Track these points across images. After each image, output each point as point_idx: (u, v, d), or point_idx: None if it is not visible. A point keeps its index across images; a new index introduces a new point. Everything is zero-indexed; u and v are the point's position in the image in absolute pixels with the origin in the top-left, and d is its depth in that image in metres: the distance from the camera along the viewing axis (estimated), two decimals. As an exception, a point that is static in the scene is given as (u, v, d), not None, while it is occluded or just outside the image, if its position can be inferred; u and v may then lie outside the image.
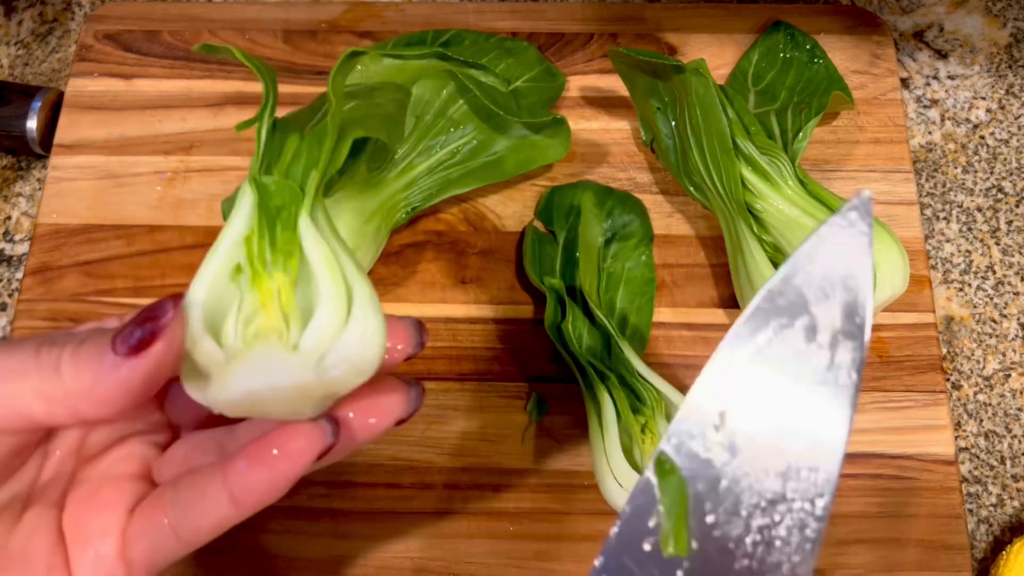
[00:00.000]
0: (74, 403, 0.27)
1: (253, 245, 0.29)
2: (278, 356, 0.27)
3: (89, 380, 0.26)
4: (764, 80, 0.53)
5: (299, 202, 0.30)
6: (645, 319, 0.47)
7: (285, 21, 0.56)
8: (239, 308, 0.28)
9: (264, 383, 0.27)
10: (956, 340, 0.49)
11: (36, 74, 0.56)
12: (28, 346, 0.27)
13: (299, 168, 0.31)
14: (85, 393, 0.27)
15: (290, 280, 0.28)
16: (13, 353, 0.27)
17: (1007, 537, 0.44)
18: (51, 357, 0.27)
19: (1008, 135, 0.54)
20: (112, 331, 0.27)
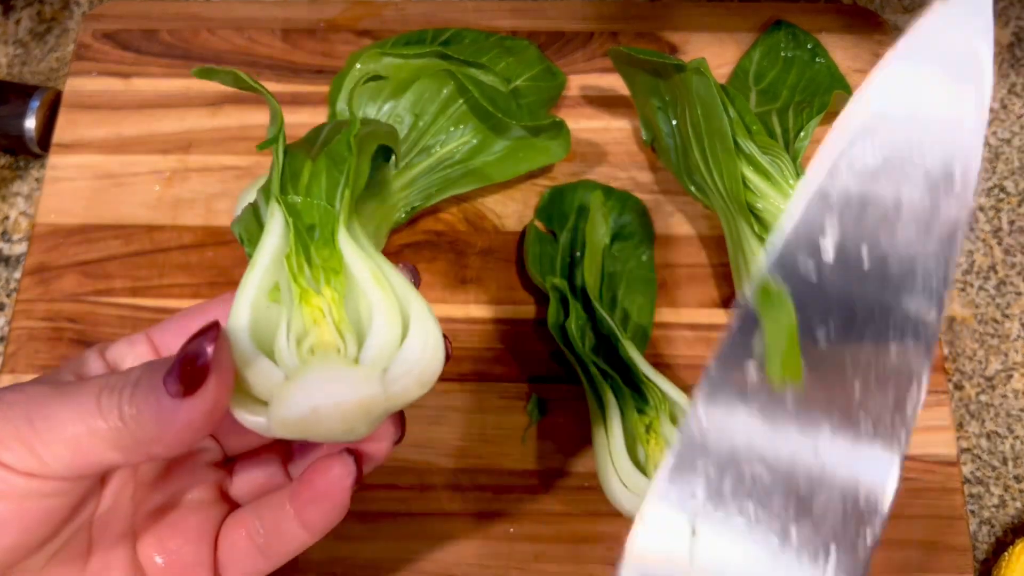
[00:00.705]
0: (146, 448, 0.27)
1: (293, 263, 0.29)
2: (340, 371, 0.27)
3: (153, 427, 0.26)
4: (765, 79, 0.53)
5: (333, 219, 0.30)
6: (646, 319, 0.47)
7: (284, 20, 0.56)
8: (288, 326, 0.28)
9: (329, 398, 0.26)
10: (958, 340, 0.48)
11: (34, 73, 0.56)
12: (86, 395, 0.27)
13: (320, 187, 0.31)
14: (154, 439, 0.26)
15: (339, 296, 0.28)
16: (72, 402, 0.27)
17: (1009, 538, 0.44)
18: (112, 407, 0.26)
19: (1010, 134, 0.54)
20: (161, 368, 0.27)
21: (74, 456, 0.26)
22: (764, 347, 0.25)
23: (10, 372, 0.46)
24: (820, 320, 0.25)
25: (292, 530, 0.31)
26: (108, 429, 0.26)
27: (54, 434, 0.26)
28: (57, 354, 0.47)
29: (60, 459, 0.26)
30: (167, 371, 0.26)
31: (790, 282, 0.25)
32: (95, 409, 0.26)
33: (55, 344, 0.47)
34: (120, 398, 0.26)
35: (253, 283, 0.29)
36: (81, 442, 0.26)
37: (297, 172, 0.31)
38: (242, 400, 0.28)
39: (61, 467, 0.26)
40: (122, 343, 0.32)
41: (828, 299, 0.25)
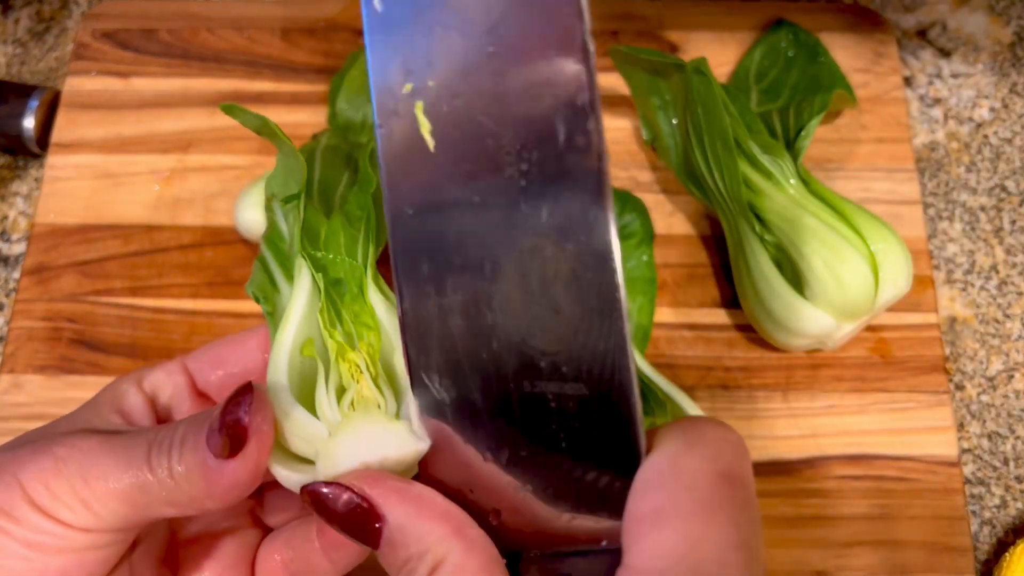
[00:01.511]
0: (199, 504, 0.27)
1: (325, 319, 0.29)
2: (384, 427, 0.27)
3: (202, 485, 0.27)
4: (766, 78, 0.52)
5: (360, 273, 0.30)
6: (646, 319, 0.47)
7: (284, 19, 0.56)
8: (327, 382, 0.28)
9: (375, 454, 0.27)
10: (959, 341, 0.48)
11: (33, 73, 0.56)
12: (137, 451, 0.27)
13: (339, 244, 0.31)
14: (205, 496, 0.27)
15: (375, 351, 0.29)
16: (123, 459, 0.27)
17: (1010, 539, 0.44)
18: (162, 464, 0.27)
19: (1012, 134, 0.53)
20: (205, 422, 0.27)
21: (129, 511, 0.27)
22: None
23: (9, 372, 0.46)
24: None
25: (321, 563, 0.31)
26: (160, 486, 0.27)
27: (110, 492, 0.27)
28: (56, 354, 0.47)
29: (115, 514, 0.27)
30: (209, 431, 0.27)
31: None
32: (146, 466, 0.27)
33: (54, 344, 0.47)
34: (169, 456, 0.27)
35: (288, 338, 0.29)
36: (136, 498, 0.27)
37: (314, 230, 0.32)
38: (282, 458, 0.29)
39: (116, 521, 0.27)
40: (159, 372, 0.33)
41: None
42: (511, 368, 0.25)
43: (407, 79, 0.24)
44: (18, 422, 0.45)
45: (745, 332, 0.47)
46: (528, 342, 0.24)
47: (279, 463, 0.28)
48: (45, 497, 0.27)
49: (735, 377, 0.46)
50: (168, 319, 0.47)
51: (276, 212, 0.33)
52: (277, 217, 0.33)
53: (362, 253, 0.32)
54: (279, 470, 0.28)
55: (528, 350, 0.24)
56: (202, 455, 0.27)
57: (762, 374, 0.46)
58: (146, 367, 0.33)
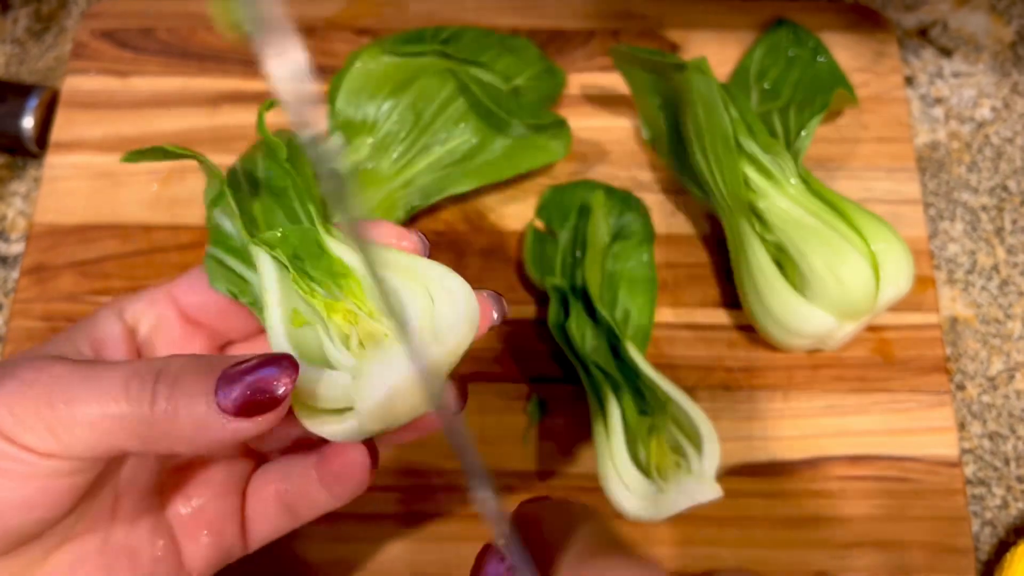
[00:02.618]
0: (169, 444, 0.26)
1: (301, 286, 0.30)
2: (397, 350, 0.28)
3: (190, 429, 0.26)
4: (767, 78, 0.52)
5: (314, 234, 0.31)
6: (647, 319, 0.47)
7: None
8: (329, 337, 0.29)
9: (401, 376, 0.28)
10: (960, 341, 0.48)
11: (31, 72, 0.56)
12: (112, 379, 0.26)
13: (278, 218, 0.32)
14: (184, 438, 0.26)
15: (360, 291, 0.30)
16: (95, 386, 0.26)
17: (1012, 539, 0.44)
18: (142, 396, 0.26)
19: (1013, 133, 0.53)
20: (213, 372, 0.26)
21: (93, 439, 0.26)
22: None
23: (7, 372, 0.46)
24: None
25: (318, 495, 0.31)
26: (133, 418, 0.26)
27: (75, 418, 0.26)
28: (55, 354, 0.46)
29: (81, 441, 0.26)
30: (221, 383, 0.26)
31: None
32: (122, 395, 0.26)
33: (52, 344, 0.47)
34: (154, 391, 0.26)
35: (276, 318, 0.29)
36: (103, 426, 0.26)
37: (250, 213, 0.32)
38: (316, 417, 0.29)
39: (82, 449, 0.26)
40: (142, 302, 0.32)
41: None
42: None
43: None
44: (16, 422, 0.45)
45: (746, 332, 0.47)
46: None
47: (315, 422, 0.28)
48: (8, 421, 0.26)
49: (736, 377, 0.46)
50: (167, 319, 0.47)
51: (216, 218, 0.33)
52: (219, 219, 0.33)
53: (303, 214, 0.32)
54: (322, 427, 0.28)
55: None
56: (203, 403, 0.26)
57: (763, 374, 0.46)
58: (126, 296, 0.32)
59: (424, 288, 0.29)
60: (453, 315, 0.29)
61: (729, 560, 0.42)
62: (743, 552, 0.42)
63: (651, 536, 0.43)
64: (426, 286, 0.29)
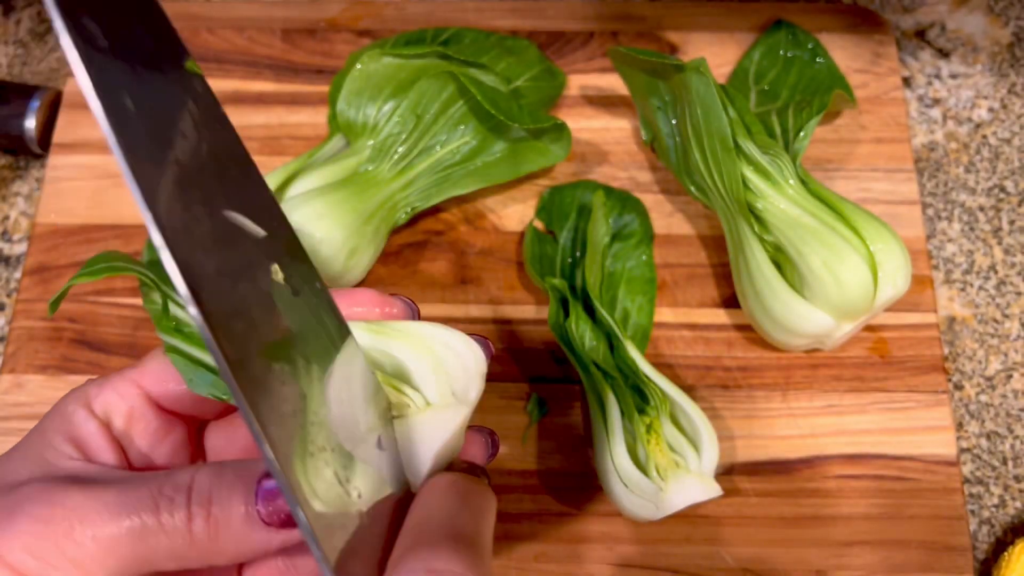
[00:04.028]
0: (210, 559, 0.26)
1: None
2: (425, 418, 0.29)
3: (232, 547, 0.26)
4: (765, 79, 0.53)
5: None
6: (646, 319, 0.47)
7: (284, 19, 0.56)
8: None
9: (435, 444, 0.28)
10: (958, 340, 0.48)
11: (34, 73, 0.56)
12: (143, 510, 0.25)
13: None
14: (226, 554, 0.26)
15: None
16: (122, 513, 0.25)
17: (1009, 538, 0.44)
18: (177, 521, 0.25)
19: (1010, 134, 0.54)
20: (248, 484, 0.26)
21: (125, 567, 0.25)
22: None
23: (10, 371, 0.46)
24: None
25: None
26: (170, 542, 0.25)
27: (103, 547, 0.25)
28: (57, 354, 0.47)
29: (110, 571, 0.25)
30: (261, 494, 0.25)
31: None
32: (153, 520, 0.25)
33: (55, 344, 0.47)
34: (189, 514, 0.25)
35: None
36: (135, 554, 0.25)
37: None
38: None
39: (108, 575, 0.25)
40: (108, 393, 0.30)
41: None
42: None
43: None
44: (19, 421, 0.45)
45: (744, 332, 0.47)
46: None
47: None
48: (31, 565, 0.25)
49: (734, 377, 0.46)
50: (169, 319, 0.47)
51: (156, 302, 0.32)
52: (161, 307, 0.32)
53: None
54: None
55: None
56: (244, 518, 0.25)
57: (761, 374, 0.46)
58: (91, 382, 0.31)
59: (428, 350, 0.30)
60: (465, 372, 0.30)
61: (728, 559, 0.43)
62: (741, 550, 0.43)
63: (650, 535, 0.43)
64: (429, 348, 0.30)
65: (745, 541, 0.43)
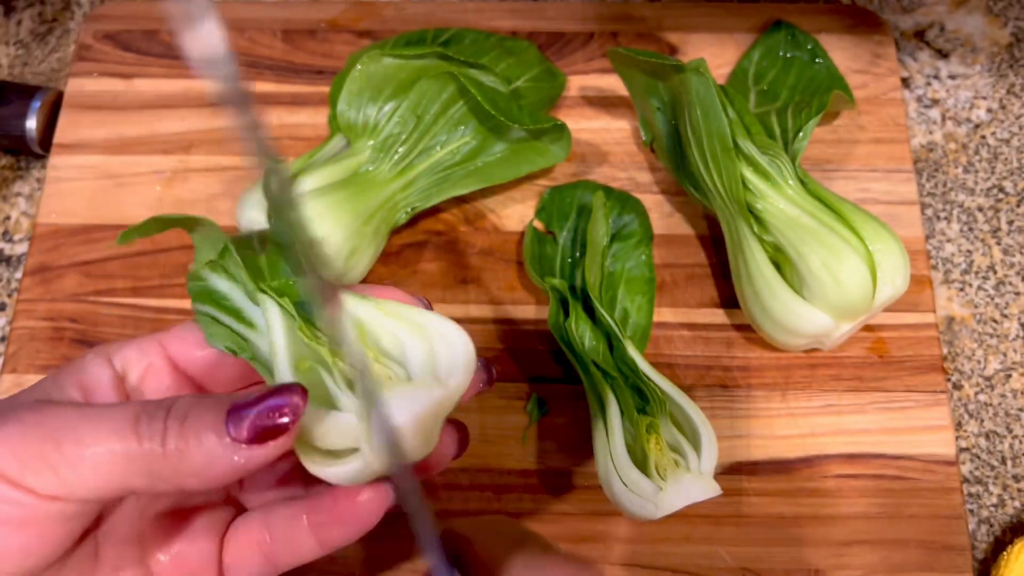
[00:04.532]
0: (180, 480, 0.26)
1: (306, 333, 0.30)
2: (404, 391, 0.29)
3: (201, 462, 0.26)
4: (765, 79, 0.53)
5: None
6: (646, 319, 0.47)
7: (285, 20, 0.56)
8: (335, 380, 0.30)
9: (408, 415, 0.29)
10: (957, 340, 0.49)
11: (35, 74, 0.56)
12: (120, 418, 0.26)
13: (283, 270, 0.33)
14: (195, 472, 0.26)
15: (362, 337, 0.31)
16: (104, 424, 0.26)
17: (1008, 537, 0.44)
18: (153, 432, 0.26)
19: (1009, 135, 0.54)
20: (222, 406, 0.27)
21: (99, 479, 0.26)
22: None
23: (11, 372, 0.46)
24: None
25: (305, 543, 0.31)
26: (143, 455, 0.26)
27: (84, 457, 0.26)
28: (58, 354, 0.47)
29: (87, 481, 0.26)
30: (231, 415, 0.26)
31: None
32: (131, 433, 0.26)
33: (56, 344, 0.47)
34: (165, 427, 0.26)
35: (284, 362, 0.30)
36: (111, 465, 0.26)
37: (256, 267, 0.33)
38: (319, 459, 0.29)
39: (87, 490, 0.26)
40: (130, 349, 0.32)
41: None
42: None
43: None
44: (21, 421, 0.45)
45: (743, 332, 0.47)
46: None
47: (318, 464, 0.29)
48: (11, 463, 0.26)
49: (734, 377, 0.46)
50: (170, 319, 0.48)
51: (207, 277, 0.34)
52: (210, 280, 0.34)
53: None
54: (325, 469, 0.29)
55: None
56: (214, 435, 0.26)
57: (761, 374, 0.46)
58: (114, 342, 0.32)
59: (425, 335, 0.31)
60: (451, 360, 0.30)
61: (727, 558, 0.43)
62: (740, 550, 0.43)
63: (650, 534, 0.43)
64: (426, 333, 0.31)
65: (744, 540, 0.43)
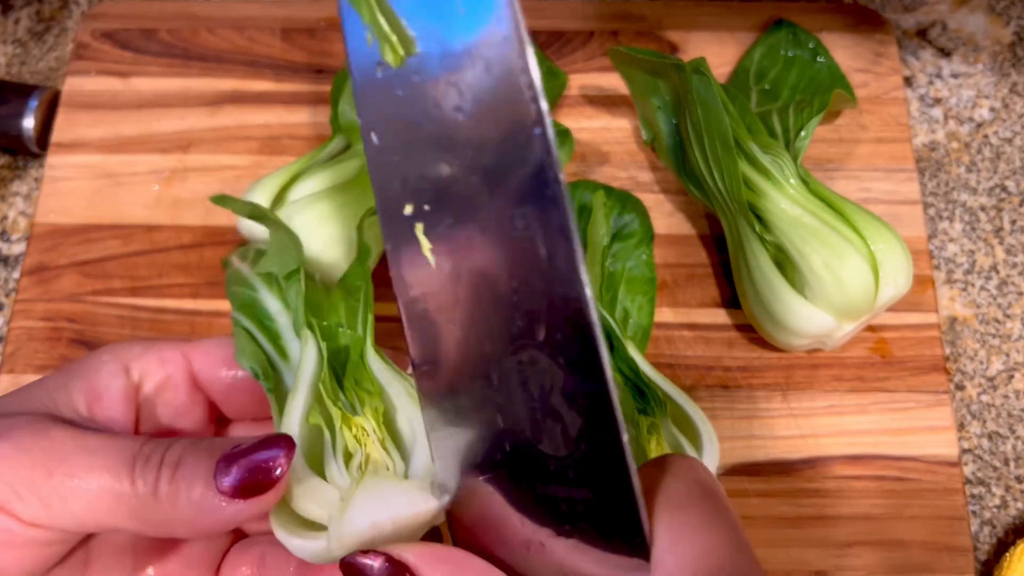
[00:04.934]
0: (169, 527, 0.26)
1: (327, 388, 0.29)
2: (395, 488, 0.28)
3: (188, 513, 0.26)
4: (766, 78, 0.52)
5: (361, 343, 0.31)
6: (646, 319, 0.47)
7: (284, 19, 0.56)
8: (334, 447, 0.29)
9: (387, 515, 0.27)
10: (959, 340, 0.48)
11: (33, 73, 0.56)
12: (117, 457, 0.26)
13: (339, 315, 0.32)
14: (184, 522, 0.26)
15: (379, 415, 0.29)
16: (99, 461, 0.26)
17: (1010, 539, 0.44)
18: (147, 481, 0.26)
19: (1012, 134, 0.53)
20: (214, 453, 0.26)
21: (86, 514, 0.25)
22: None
23: (9, 372, 0.46)
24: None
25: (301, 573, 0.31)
26: (134, 497, 0.25)
27: (74, 491, 0.25)
28: (56, 354, 0.47)
29: (73, 515, 0.25)
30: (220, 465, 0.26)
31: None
32: (125, 474, 0.25)
33: (54, 344, 0.47)
34: (159, 473, 0.26)
35: (298, 407, 0.29)
36: (99, 502, 0.25)
37: (316, 303, 0.32)
38: (288, 522, 0.28)
39: (71, 523, 0.26)
40: (151, 358, 0.31)
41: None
42: (521, 467, 0.25)
43: (407, 203, 0.25)
44: (18, 422, 0.45)
45: (745, 332, 0.47)
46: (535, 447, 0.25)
47: (287, 530, 0.28)
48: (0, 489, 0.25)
49: (735, 377, 0.46)
50: (168, 319, 0.47)
51: (259, 289, 0.33)
52: (260, 294, 0.33)
53: (361, 322, 0.32)
54: (289, 539, 0.28)
55: (536, 453, 0.25)
56: (202, 486, 0.25)
57: (762, 374, 0.46)
58: (137, 341, 0.31)
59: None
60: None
61: (728, 559, 0.43)
62: (742, 551, 0.43)
63: (651, 535, 0.43)
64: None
65: (746, 542, 0.43)
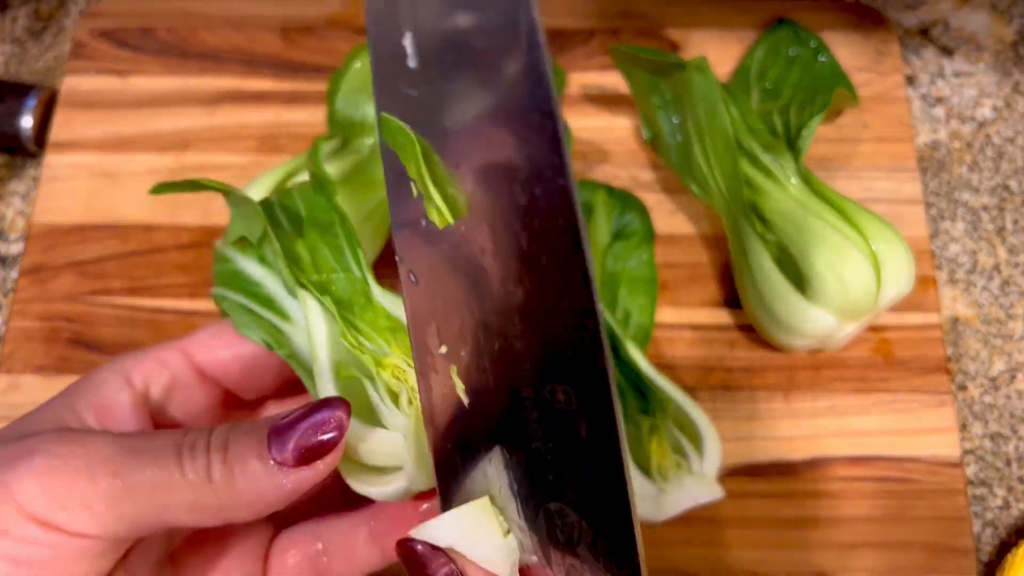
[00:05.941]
0: (228, 513, 0.25)
1: (349, 339, 0.29)
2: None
3: (247, 493, 0.25)
4: (768, 77, 0.52)
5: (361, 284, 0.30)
6: (647, 319, 0.46)
7: (283, 18, 0.55)
8: (379, 393, 0.28)
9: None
10: (962, 341, 0.48)
11: (31, 72, 0.56)
12: (162, 452, 0.25)
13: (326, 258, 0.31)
14: (244, 504, 0.25)
15: (406, 348, 0.29)
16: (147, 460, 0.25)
17: (1013, 540, 0.44)
18: (197, 468, 0.25)
19: (1014, 133, 0.53)
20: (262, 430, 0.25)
21: (138, 514, 0.24)
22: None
23: (7, 372, 0.46)
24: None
25: (365, 554, 0.30)
26: (188, 487, 0.24)
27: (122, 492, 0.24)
28: (54, 354, 0.46)
29: (122, 518, 0.24)
30: (273, 438, 0.25)
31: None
32: (175, 466, 0.25)
33: (52, 344, 0.47)
34: (208, 460, 0.25)
35: (326, 368, 0.28)
36: (151, 498, 0.24)
37: (294, 254, 0.30)
38: (360, 475, 0.28)
39: (122, 527, 0.24)
40: (149, 362, 0.30)
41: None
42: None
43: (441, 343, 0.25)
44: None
45: (746, 332, 0.47)
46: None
47: (359, 481, 0.28)
48: (40, 501, 0.24)
49: (736, 378, 0.46)
50: (166, 319, 0.47)
51: (235, 259, 0.32)
52: (239, 263, 0.31)
53: (352, 260, 0.31)
54: (368, 487, 0.27)
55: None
56: (258, 462, 0.25)
57: (764, 374, 0.46)
58: (131, 355, 0.30)
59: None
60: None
61: (727, 559, 0.42)
62: (743, 552, 0.42)
63: (652, 537, 0.43)
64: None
65: (747, 543, 0.43)
